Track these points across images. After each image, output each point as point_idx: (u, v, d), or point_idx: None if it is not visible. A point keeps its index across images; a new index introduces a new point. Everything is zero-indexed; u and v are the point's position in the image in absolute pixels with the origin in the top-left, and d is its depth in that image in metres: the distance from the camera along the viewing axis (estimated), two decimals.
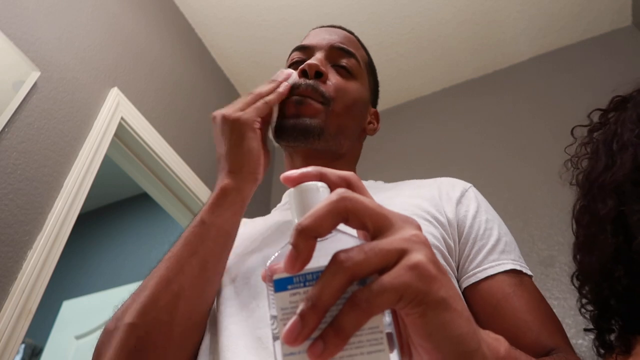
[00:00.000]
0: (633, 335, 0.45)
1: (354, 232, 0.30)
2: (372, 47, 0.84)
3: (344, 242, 0.28)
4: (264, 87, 0.64)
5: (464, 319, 0.27)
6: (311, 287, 0.25)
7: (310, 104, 0.66)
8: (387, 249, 0.26)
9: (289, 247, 0.26)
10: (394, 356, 0.27)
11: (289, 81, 0.66)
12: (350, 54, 0.74)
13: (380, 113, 0.84)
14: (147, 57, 1.64)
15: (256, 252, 0.62)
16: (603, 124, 0.53)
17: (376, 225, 0.28)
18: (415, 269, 0.25)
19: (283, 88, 0.65)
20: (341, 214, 0.27)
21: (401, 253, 0.26)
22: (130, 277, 2.30)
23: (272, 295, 0.28)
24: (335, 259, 0.25)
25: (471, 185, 0.71)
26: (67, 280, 2.53)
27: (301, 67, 0.68)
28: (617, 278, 0.45)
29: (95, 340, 0.53)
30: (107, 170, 1.41)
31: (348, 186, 0.31)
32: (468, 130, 1.93)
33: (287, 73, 0.67)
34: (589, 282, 0.50)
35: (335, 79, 0.70)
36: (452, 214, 0.64)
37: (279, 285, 0.27)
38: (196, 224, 0.55)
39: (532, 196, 1.61)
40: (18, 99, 1.06)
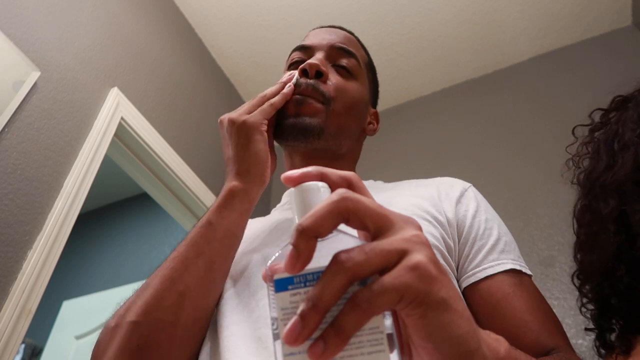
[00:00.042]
0: (633, 335, 0.45)
1: (354, 232, 0.30)
2: (372, 47, 0.84)
3: (345, 242, 0.28)
4: (269, 90, 0.65)
5: (464, 320, 0.27)
6: (312, 288, 0.25)
7: (311, 104, 0.66)
8: (388, 249, 0.26)
9: (290, 247, 0.26)
10: (394, 356, 0.27)
11: (292, 82, 0.67)
12: (350, 54, 0.74)
13: (380, 113, 0.83)
14: (147, 57, 1.64)
15: (256, 252, 0.62)
16: (604, 124, 0.53)
17: (377, 225, 0.28)
18: (416, 269, 0.25)
19: (287, 89, 0.65)
20: (342, 214, 0.27)
21: (402, 253, 0.26)
22: (130, 277, 2.31)
23: (273, 295, 0.28)
24: (336, 259, 0.25)
25: (470, 185, 0.71)
26: (67, 280, 2.53)
27: (301, 67, 0.68)
28: (618, 277, 0.45)
29: (95, 340, 0.52)
30: (107, 170, 1.41)
31: (349, 186, 0.31)
32: (468, 130, 1.93)
33: (291, 75, 0.68)
34: (589, 281, 0.50)
35: (335, 79, 0.70)
36: (452, 213, 0.64)
37: (280, 285, 0.27)
38: (202, 225, 0.55)
39: (532, 196, 1.61)
40: (18, 99, 1.06)
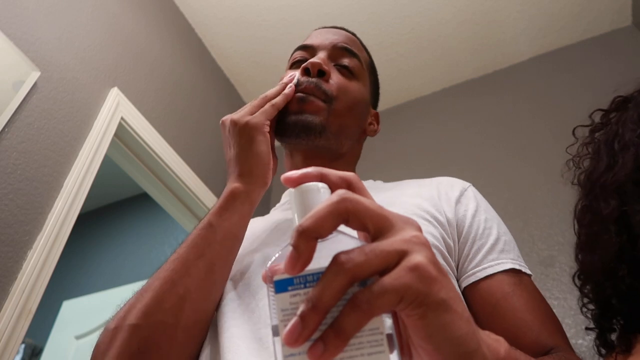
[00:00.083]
0: (634, 335, 0.45)
1: (354, 233, 0.30)
2: (372, 47, 0.84)
3: (345, 243, 0.28)
4: (270, 91, 0.65)
5: (464, 321, 0.27)
6: (312, 289, 0.25)
7: (313, 102, 0.66)
8: (388, 250, 0.26)
9: (290, 248, 0.26)
10: (394, 357, 0.27)
11: (293, 83, 0.67)
12: (353, 54, 0.74)
13: (380, 113, 0.83)
14: (147, 57, 1.64)
15: (256, 252, 0.62)
16: (604, 124, 0.53)
17: (377, 226, 0.28)
18: (416, 270, 0.25)
19: (288, 90, 0.65)
20: (342, 215, 0.27)
21: (402, 254, 0.26)
22: (130, 277, 2.31)
23: (273, 296, 0.28)
24: (336, 260, 0.25)
25: (470, 185, 0.71)
26: (67, 280, 2.53)
27: (304, 65, 0.68)
28: (620, 277, 0.45)
29: (95, 340, 0.52)
30: (107, 170, 1.41)
31: (349, 187, 0.31)
32: (468, 130, 1.93)
33: (292, 76, 0.68)
34: (590, 282, 0.50)
35: (337, 78, 0.70)
36: (452, 213, 0.64)
37: (280, 286, 0.27)
38: (203, 227, 0.55)
39: (532, 196, 1.61)
40: (18, 99, 1.06)
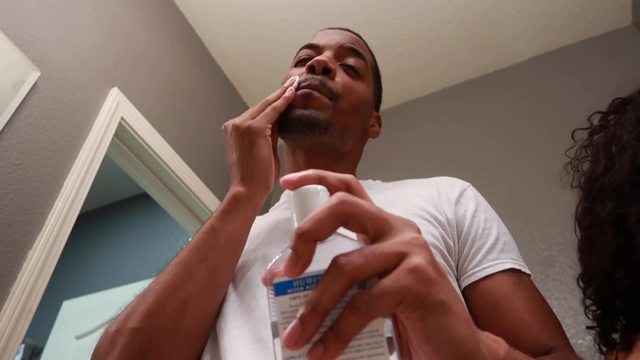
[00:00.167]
0: (634, 333, 0.45)
1: (353, 235, 0.30)
2: (372, 47, 0.84)
3: (344, 245, 0.28)
4: (271, 95, 0.65)
5: (463, 322, 0.27)
6: (311, 291, 0.25)
7: (318, 98, 0.66)
8: (387, 252, 0.26)
9: (289, 251, 0.26)
10: (393, 359, 0.27)
11: (294, 86, 0.67)
12: (358, 54, 0.74)
13: (381, 113, 0.84)
14: (147, 57, 1.64)
15: (256, 252, 0.62)
16: (603, 127, 0.53)
17: (376, 228, 0.28)
18: (415, 272, 0.25)
19: (289, 93, 0.65)
20: (341, 217, 0.27)
21: (401, 256, 0.26)
22: (130, 277, 2.31)
23: (273, 299, 0.28)
24: (335, 262, 0.25)
25: (470, 185, 0.71)
26: (67, 280, 2.53)
27: (309, 63, 0.69)
28: (618, 279, 0.45)
29: (96, 340, 0.52)
30: (107, 170, 1.41)
31: (347, 189, 0.31)
32: (468, 130, 1.93)
33: (292, 79, 0.68)
34: (592, 284, 0.51)
35: (343, 77, 0.70)
36: (451, 213, 0.64)
37: (279, 289, 0.27)
38: (206, 231, 0.55)
39: (532, 196, 1.61)
40: (18, 99, 1.06)
